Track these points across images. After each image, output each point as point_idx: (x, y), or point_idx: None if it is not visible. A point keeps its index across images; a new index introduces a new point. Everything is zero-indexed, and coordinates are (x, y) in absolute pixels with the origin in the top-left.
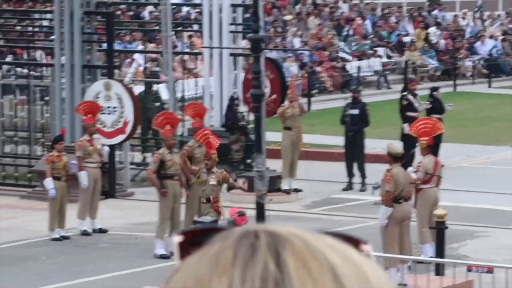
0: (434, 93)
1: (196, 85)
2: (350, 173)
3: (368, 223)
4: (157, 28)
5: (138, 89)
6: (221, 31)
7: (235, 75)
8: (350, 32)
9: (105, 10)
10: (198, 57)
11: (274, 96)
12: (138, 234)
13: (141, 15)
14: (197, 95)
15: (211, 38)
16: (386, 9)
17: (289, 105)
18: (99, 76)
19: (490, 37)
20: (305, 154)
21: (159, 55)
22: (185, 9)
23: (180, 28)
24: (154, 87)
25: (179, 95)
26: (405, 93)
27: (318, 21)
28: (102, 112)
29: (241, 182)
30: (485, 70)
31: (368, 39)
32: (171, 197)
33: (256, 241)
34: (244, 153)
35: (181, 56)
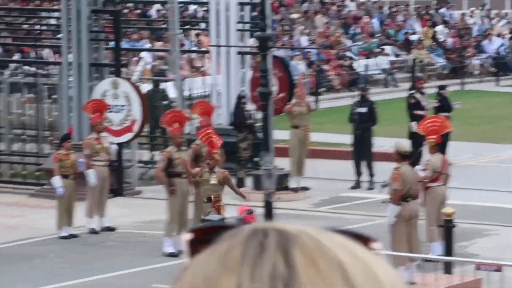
0: (442, 91)
1: (203, 83)
2: (358, 171)
3: (376, 222)
4: (164, 26)
5: (146, 87)
6: (228, 30)
7: (242, 74)
8: (357, 30)
9: (112, 8)
10: (206, 56)
11: (282, 94)
12: (146, 232)
13: (148, 13)
14: (205, 94)
15: (218, 36)
16: (394, 7)
17: (297, 103)
18: (106, 74)
19: (498, 35)
20: (313, 153)
21: (166, 53)
22: (193, 8)
23: (187, 27)
24: (162, 85)
25: (186, 93)
26: (412, 92)
27: (326, 20)
28: (110, 110)
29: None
30: (492, 68)
31: (375, 38)
32: (179, 195)
33: (265, 240)
34: (252, 151)
35: (188, 54)
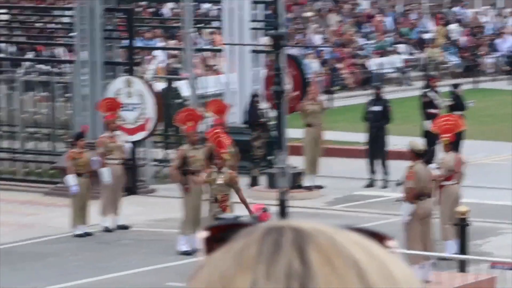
0: (456, 90)
1: (217, 82)
2: (372, 170)
3: (390, 220)
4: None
5: (159, 85)
6: (242, 28)
7: (256, 72)
8: (370, 29)
9: (125, 6)
10: (219, 54)
11: (295, 92)
12: (160, 230)
13: (162, 11)
14: (218, 92)
15: (232, 35)
16: (407, 5)
17: (310, 101)
18: (120, 73)
19: (511, 34)
20: (327, 151)
21: (180, 51)
22: (206, 6)
23: (201, 25)
24: (175, 83)
25: (200, 91)
26: (426, 90)
27: (339, 18)
28: (124, 108)
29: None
30: (506, 67)
31: (388, 36)
32: (194, 193)
33: (280, 238)
34: (265, 149)
35: (202, 53)
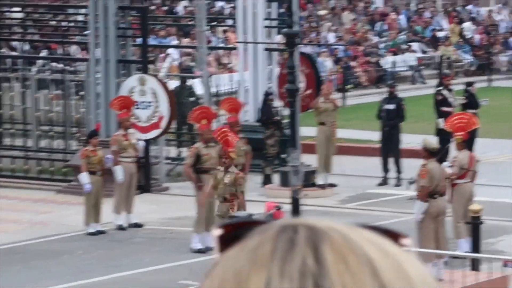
0: (469, 88)
1: (230, 80)
2: (386, 168)
3: (403, 218)
4: (191, 23)
5: (173, 84)
6: (255, 26)
7: (269, 70)
8: (384, 27)
9: (139, 5)
10: (233, 52)
11: (309, 91)
12: (173, 228)
13: (176, 10)
14: (232, 90)
15: (245, 33)
16: (421, 3)
17: (323, 99)
18: (133, 71)
19: None
20: (340, 149)
21: (193, 50)
22: (220, 4)
23: (214, 23)
24: (189, 82)
25: (213, 90)
26: (440, 88)
27: (353, 16)
28: (137, 107)
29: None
30: None
31: (402, 34)
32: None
33: (294, 235)
34: (279, 148)
35: (215, 51)
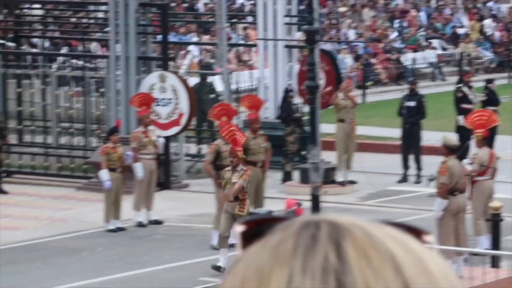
0: (489, 85)
1: (250, 77)
2: (406, 165)
3: (423, 215)
4: (211, 20)
5: (193, 80)
6: (275, 23)
7: (289, 67)
8: (404, 24)
9: (160, 1)
10: (253, 49)
11: (329, 88)
12: (193, 225)
13: (196, 6)
14: (252, 87)
15: (265, 30)
16: (441, 0)
17: (343, 96)
18: (154, 68)
19: None
20: (360, 146)
21: (214, 46)
22: (240, 1)
23: (234, 20)
24: (209, 78)
25: (233, 86)
26: (460, 85)
27: (373, 13)
28: (157, 103)
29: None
30: None
31: (422, 31)
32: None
33: (317, 232)
34: (299, 145)
35: (236, 48)
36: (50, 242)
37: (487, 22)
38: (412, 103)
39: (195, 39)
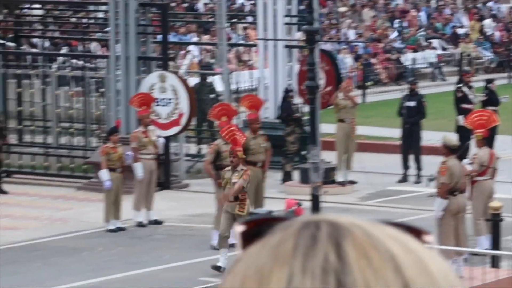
0: (489, 85)
1: (250, 77)
2: (406, 165)
3: (423, 215)
4: (211, 20)
5: (193, 80)
6: (275, 23)
7: (289, 67)
8: (404, 24)
9: (160, 1)
10: (253, 49)
11: (329, 88)
12: (193, 225)
13: (196, 7)
14: (252, 87)
15: (265, 30)
16: (441, 0)
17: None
18: (154, 68)
19: None
20: (360, 146)
21: (214, 46)
22: (240, 1)
23: (234, 20)
24: (209, 78)
25: (233, 87)
26: (460, 85)
27: (373, 13)
28: (157, 103)
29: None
30: None
31: (422, 31)
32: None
33: (317, 232)
34: (299, 145)
35: (236, 48)
36: (50, 242)
37: (487, 22)
38: (412, 103)
39: (195, 39)
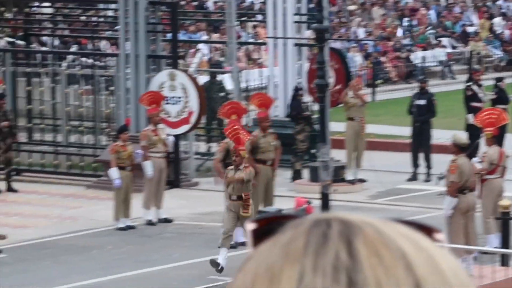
0: (499, 83)
1: (260, 75)
2: (416, 163)
3: (433, 214)
4: (221, 18)
5: (203, 79)
6: (285, 21)
7: (299, 65)
8: (414, 22)
9: (169, 0)
10: (263, 47)
11: (338, 86)
12: (203, 223)
13: (206, 5)
14: (262, 85)
15: (275, 28)
16: None
17: (353, 94)
18: (163, 66)
19: None
20: (370, 144)
21: (223, 45)
22: None
23: (244, 18)
24: (219, 77)
25: (243, 85)
26: (469, 84)
27: (383, 11)
28: (167, 102)
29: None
30: None
31: (432, 29)
32: None
33: (328, 230)
34: (308, 143)
35: (245, 46)
36: (60, 241)
37: (497, 20)
38: (422, 102)
39: (204, 37)
